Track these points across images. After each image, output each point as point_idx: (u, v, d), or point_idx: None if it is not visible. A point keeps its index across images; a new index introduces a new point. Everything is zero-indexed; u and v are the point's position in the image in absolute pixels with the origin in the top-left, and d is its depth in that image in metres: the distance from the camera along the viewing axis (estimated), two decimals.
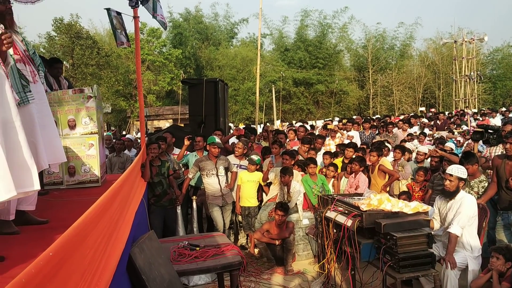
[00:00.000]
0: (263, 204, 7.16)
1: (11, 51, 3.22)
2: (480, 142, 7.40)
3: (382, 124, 12.76)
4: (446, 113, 20.83)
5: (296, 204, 6.88)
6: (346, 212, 4.91)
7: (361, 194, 5.83)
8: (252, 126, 14.39)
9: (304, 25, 39.20)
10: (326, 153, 8.13)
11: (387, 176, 7.38)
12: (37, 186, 2.62)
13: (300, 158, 7.82)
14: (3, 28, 3.08)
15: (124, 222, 3.40)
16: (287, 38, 40.71)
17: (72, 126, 5.13)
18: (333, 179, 7.49)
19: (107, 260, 2.55)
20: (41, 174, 4.71)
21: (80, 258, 1.92)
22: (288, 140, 9.40)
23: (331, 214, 5.10)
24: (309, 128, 13.43)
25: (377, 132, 11.65)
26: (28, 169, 2.58)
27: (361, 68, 40.28)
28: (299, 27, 39.31)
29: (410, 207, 4.71)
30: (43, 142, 3.30)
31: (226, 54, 38.76)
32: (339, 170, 7.76)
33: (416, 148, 9.26)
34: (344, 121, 14.16)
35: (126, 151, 9.03)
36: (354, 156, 7.63)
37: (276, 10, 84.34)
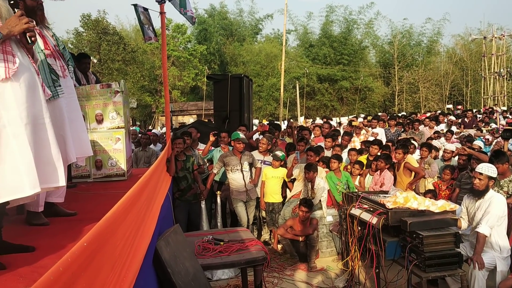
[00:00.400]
0: (287, 200, 7.16)
1: (42, 46, 3.29)
2: (510, 140, 7.23)
3: (408, 121, 12.58)
4: (474, 110, 20.40)
5: (320, 200, 6.85)
6: (371, 209, 4.87)
7: (386, 192, 5.77)
8: (276, 122, 14.37)
9: (329, 21, 38.87)
10: (352, 149, 8.05)
11: (412, 174, 7.29)
12: (62, 183, 2.67)
13: (325, 154, 7.78)
14: (34, 23, 3.14)
15: (150, 216, 3.44)
16: (312, 34, 40.44)
17: (100, 121, 5.21)
18: (358, 177, 7.41)
19: (135, 252, 2.59)
20: (69, 168, 4.81)
21: (111, 250, 1.95)
22: (312, 136, 9.36)
23: (355, 211, 5.06)
24: (335, 124, 13.34)
25: (402, 129, 11.49)
26: (54, 165, 2.62)
27: (386, 64, 39.73)
28: (324, 23, 39.00)
29: (437, 205, 4.63)
30: (71, 136, 3.36)
31: (251, 50, 38.74)
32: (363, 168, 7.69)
33: (443, 146, 9.10)
34: (369, 118, 14.03)
35: (151, 146, 9.14)
36: (379, 154, 7.55)
37: (301, 6, 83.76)
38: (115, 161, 5.22)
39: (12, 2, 2.62)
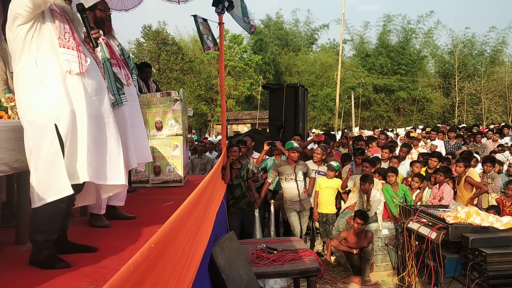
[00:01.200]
0: (341, 211, 7.05)
1: (108, 55, 3.45)
2: None
3: (469, 134, 12.10)
4: None
5: (375, 213, 6.71)
6: (430, 224, 4.71)
7: (446, 206, 5.56)
8: (331, 132, 14.24)
9: (386, 30, 38.24)
10: (416, 161, 7.77)
11: (474, 189, 6.98)
12: (121, 181, 2.76)
13: (381, 166, 7.61)
14: (102, 33, 3.30)
15: (207, 222, 3.50)
16: (368, 44, 39.94)
17: (159, 128, 5.37)
18: (418, 191, 7.16)
19: (192, 257, 2.64)
20: (129, 173, 4.98)
21: (173, 253, 2.01)
22: (368, 147, 9.19)
23: (413, 225, 4.92)
24: (392, 135, 13.04)
25: (463, 142, 11.06)
26: (115, 163, 2.73)
27: (446, 74, 38.50)
28: (381, 32, 38.42)
29: (502, 222, 4.41)
30: (133, 142, 3.49)
31: (306, 60, 38.71)
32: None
33: (508, 160, 8.68)
34: (428, 129, 13.61)
35: (207, 153, 9.29)
36: (438, 166, 7.29)
37: (358, 16, 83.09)
38: (173, 167, 5.35)
39: (84, 15, 2.78)
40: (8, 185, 3.53)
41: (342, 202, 7.20)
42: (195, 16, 6.10)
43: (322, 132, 12.23)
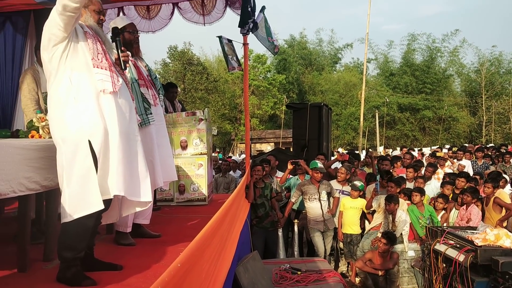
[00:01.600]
0: (366, 232, 6.95)
1: (136, 76, 3.53)
2: None
3: (497, 153, 11.83)
4: None
5: (401, 234, 6.59)
6: (458, 246, 4.61)
7: (474, 228, 5.44)
8: (355, 151, 14.14)
9: (411, 49, 38.06)
10: (446, 182, 7.60)
11: (503, 210, 6.80)
12: (148, 198, 2.80)
13: (407, 186, 7.50)
14: (130, 55, 3.39)
15: (230, 241, 3.50)
16: (393, 63, 39.81)
17: (184, 147, 5.44)
18: (443, 212, 7.02)
19: (217, 276, 2.64)
20: (154, 191, 5.04)
21: (199, 272, 2.02)
22: (393, 167, 9.07)
23: (440, 247, 4.82)
24: (416, 155, 12.86)
25: (491, 162, 10.81)
26: (142, 180, 2.78)
27: (473, 93, 37.94)
28: (405, 51, 38.27)
29: None
30: (159, 161, 3.55)
31: (329, 79, 38.74)
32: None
33: None
34: (454, 149, 13.38)
35: (231, 172, 9.33)
36: (466, 187, 7.14)
37: (381, 35, 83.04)
38: (197, 186, 5.39)
39: (117, 39, 2.88)
40: (37, 203, 3.60)
41: (367, 222, 7.11)
42: (220, 37, 6.19)
43: (346, 151, 12.15)
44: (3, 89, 6.31)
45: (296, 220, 6.97)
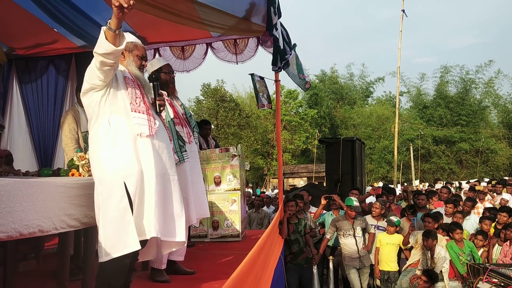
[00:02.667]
0: (403, 269, 6.75)
1: (171, 114, 3.64)
2: None
3: None
4: None
5: (441, 271, 6.37)
6: (502, 284, 4.43)
7: None
8: (390, 186, 13.90)
9: (444, 82, 37.72)
10: (485, 217, 7.37)
11: None
12: (181, 238, 2.84)
13: (445, 221, 7.29)
14: (166, 95, 3.51)
15: (265, 278, 3.48)
16: (426, 95, 39.47)
17: (218, 183, 5.50)
18: (482, 248, 6.76)
19: None
20: (189, 228, 5.08)
21: None
22: (429, 202, 8.85)
23: (483, 285, 4.64)
24: (452, 189, 12.53)
25: None
26: (177, 220, 2.84)
27: (511, 125, 36.95)
28: (438, 83, 37.95)
29: None
30: (193, 198, 3.60)
31: (361, 113, 38.64)
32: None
33: None
34: (494, 182, 12.97)
35: (264, 208, 9.30)
36: (509, 222, 6.89)
37: (413, 68, 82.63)
38: (231, 222, 5.41)
39: (155, 83, 3.00)
40: (75, 239, 3.69)
41: (405, 258, 6.91)
42: (252, 75, 6.31)
43: (379, 186, 11.96)
44: (45, 129, 6.60)
45: (331, 257, 6.85)
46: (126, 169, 2.64)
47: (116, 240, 2.56)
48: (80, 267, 3.39)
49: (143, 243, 2.67)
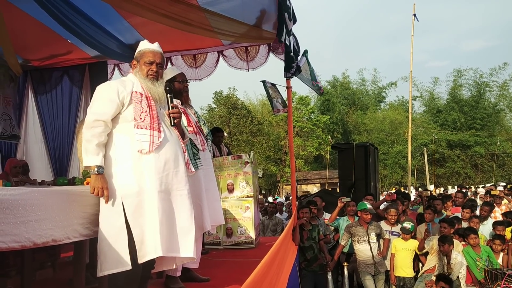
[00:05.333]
0: (419, 275, 6.67)
1: (185, 123, 3.65)
2: None
3: None
4: None
5: (458, 277, 6.28)
6: None
7: None
8: (404, 191, 13.78)
9: (457, 85, 37.40)
10: (497, 222, 7.28)
11: None
12: (190, 253, 2.84)
13: (461, 226, 7.19)
14: (180, 103, 3.53)
15: (279, 285, 3.46)
16: (439, 99, 39.13)
17: (231, 190, 5.51)
18: (501, 253, 6.66)
19: None
20: (203, 235, 5.08)
21: None
22: (444, 206, 8.75)
23: None
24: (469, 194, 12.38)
25: None
26: (185, 235, 2.84)
27: None
28: (452, 87, 37.64)
29: None
30: (207, 205, 3.61)
31: (374, 118, 38.44)
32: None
33: None
34: (510, 186, 12.82)
35: (277, 214, 9.28)
36: None
37: (426, 72, 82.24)
38: (244, 229, 5.41)
39: (169, 95, 2.99)
40: (91, 248, 3.72)
41: (420, 264, 6.83)
42: (264, 82, 6.32)
43: (394, 191, 11.86)
44: (60, 138, 6.69)
45: (346, 263, 6.80)
46: (124, 189, 2.69)
47: (110, 257, 2.63)
48: (95, 275, 3.41)
49: (152, 260, 2.73)
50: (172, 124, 2.98)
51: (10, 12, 4.69)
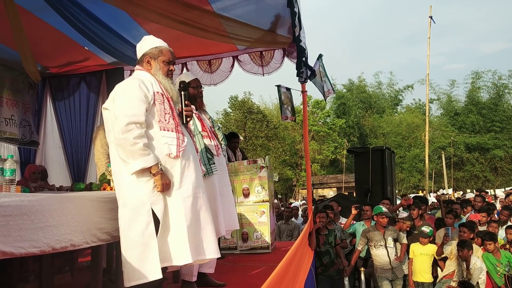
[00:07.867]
0: (438, 280, 6.58)
1: (200, 128, 3.68)
2: None
3: None
4: None
5: (477, 283, 6.18)
6: None
7: None
8: (422, 195, 13.63)
9: (475, 88, 36.88)
10: (509, 227, 7.18)
11: None
12: (215, 255, 2.86)
13: (480, 230, 7.08)
14: (194, 108, 3.55)
15: None
16: (457, 102, 38.63)
17: (246, 195, 5.51)
18: None
19: None
20: (218, 239, 5.09)
21: None
22: (463, 211, 8.62)
23: None
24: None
25: None
26: (210, 238, 2.84)
27: None
28: (469, 89, 37.12)
29: None
30: (222, 210, 3.62)
31: (391, 121, 38.10)
32: None
33: None
34: None
35: (293, 219, 9.25)
36: None
37: (442, 75, 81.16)
38: (260, 233, 5.40)
39: (183, 93, 2.98)
40: (108, 252, 3.75)
41: (439, 270, 6.74)
42: (278, 86, 6.31)
43: (412, 196, 11.72)
44: (78, 144, 6.78)
45: (362, 268, 6.74)
46: (154, 195, 2.62)
47: (139, 267, 2.53)
48: (113, 280, 3.44)
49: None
50: (185, 122, 2.96)
51: (29, 21, 4.77)
